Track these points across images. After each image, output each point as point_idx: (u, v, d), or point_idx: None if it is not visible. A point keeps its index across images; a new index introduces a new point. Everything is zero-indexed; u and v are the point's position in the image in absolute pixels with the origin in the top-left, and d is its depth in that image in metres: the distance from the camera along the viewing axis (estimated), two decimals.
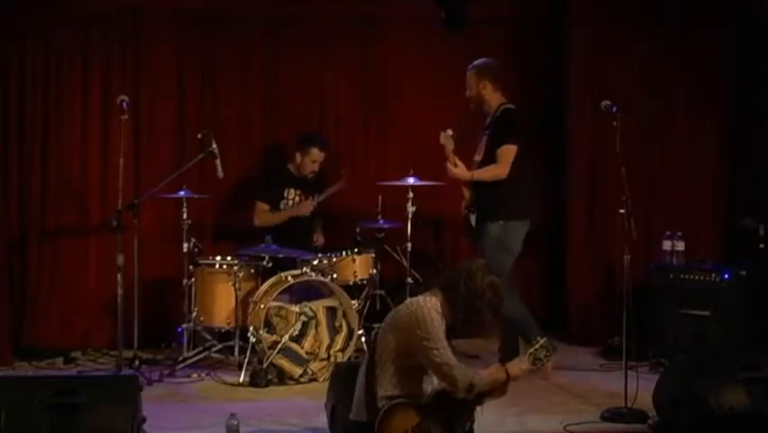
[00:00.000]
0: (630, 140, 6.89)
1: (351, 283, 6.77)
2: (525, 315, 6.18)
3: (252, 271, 6.67)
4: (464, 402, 4.20)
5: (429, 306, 4.19)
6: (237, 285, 6.50)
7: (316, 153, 7.07)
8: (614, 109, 5.59)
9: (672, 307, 6.69)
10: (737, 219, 7.20)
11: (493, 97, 6.29)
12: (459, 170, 6.24)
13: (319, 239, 7.27)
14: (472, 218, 6.30)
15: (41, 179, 7.06)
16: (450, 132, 6.21)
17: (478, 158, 6.34)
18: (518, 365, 4.19)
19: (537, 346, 4.13)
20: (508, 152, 6.14)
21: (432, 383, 4.28)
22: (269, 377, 6.15)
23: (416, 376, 4.22)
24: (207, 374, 6.37)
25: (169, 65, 7.33)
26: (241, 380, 6.16)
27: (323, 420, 4.92)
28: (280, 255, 6.60)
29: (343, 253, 6.80)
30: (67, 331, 7.05)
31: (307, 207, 7.09)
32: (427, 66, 7.67)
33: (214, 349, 6.65)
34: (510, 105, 6.30)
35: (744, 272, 6.57)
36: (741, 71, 7.43)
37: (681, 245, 6.93)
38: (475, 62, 6.36)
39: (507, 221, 6.16)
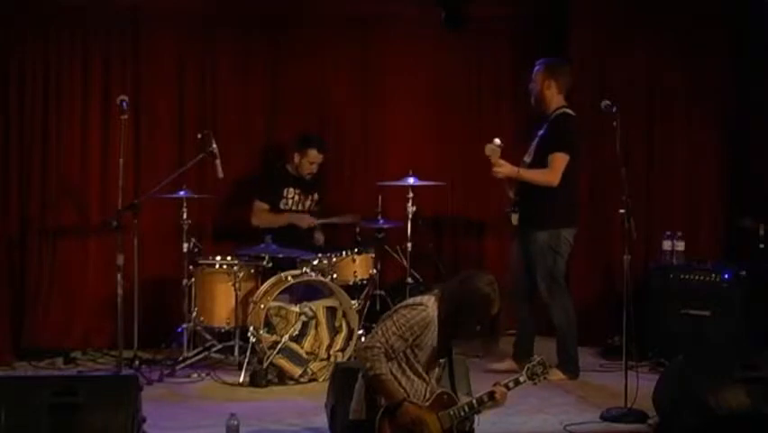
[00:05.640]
0: (630, 140, 6.90)
1: (351, 283, 6.76)
2: (569, 325, 6.22)
3: (252, 271, 6.66)
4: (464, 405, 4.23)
5: (429, 305, 4.23)
6: (237, 285, 6.49)
7: (314, 155, 7.06)
8: (614, 109, 5.59)
9: (672, 307, 6.68)
10: (737, 219, 7.20)
11: (555, 99, 6.22)
12: (505, 168, 6.09)
13: (320, 239, 7.25)
14: (513, 218, 6.27)
15: (41, 179, 7.06)
16: (497, 141, 6.05)
17: (527, 159, 6.26)
18: (414, 406, 4.14)
19: (535, 363, 4.34)
20: (560, 160, 6.07)
21: (432, 384, 4.29)
22: (269, 377, 6.16)
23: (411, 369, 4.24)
24: (207, 374, 6.36)
25: (169, 65, 7.32)
26: (241, 380, 6.16)
27: (323, 420, 4.93)
28: (280, 255, 6.59)
29: (343, 253, 6.79)
30: (67, 331, 7.05)
31: (306, 221, 7.09)
32: (427, 66, 7.67)
33: (215, 349, 6.64)
34: (569, 111, 6.23)
35: (744, 272, 6.56)
36: (741, 71, 7.43)
37: (681, 245, 6.93)
38: (546, 59, 6.31)
39: (557, 229, 6.15)
